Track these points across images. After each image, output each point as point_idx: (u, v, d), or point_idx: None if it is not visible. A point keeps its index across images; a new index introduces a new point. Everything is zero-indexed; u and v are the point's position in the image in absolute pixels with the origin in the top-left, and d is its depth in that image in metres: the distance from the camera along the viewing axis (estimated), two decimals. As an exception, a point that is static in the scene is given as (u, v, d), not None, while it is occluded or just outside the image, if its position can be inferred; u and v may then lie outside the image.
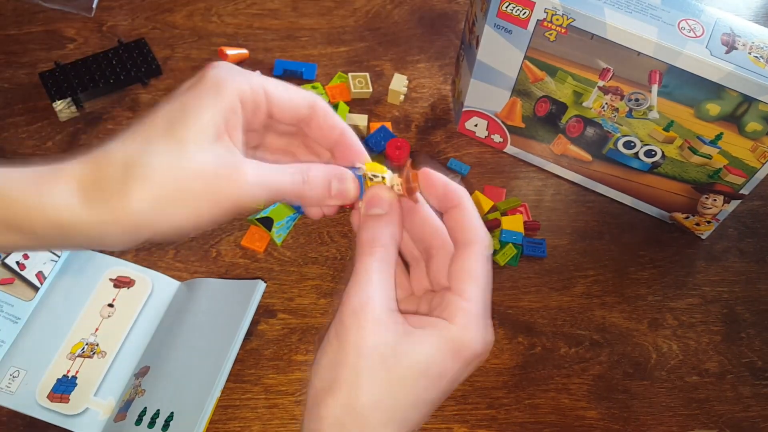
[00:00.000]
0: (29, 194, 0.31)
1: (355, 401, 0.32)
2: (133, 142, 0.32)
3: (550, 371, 0.59)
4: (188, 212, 0.32)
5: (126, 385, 0.55)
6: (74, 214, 0.31)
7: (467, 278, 0.35)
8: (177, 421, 0.51)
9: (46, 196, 0.31)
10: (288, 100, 0.36)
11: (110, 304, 0.57)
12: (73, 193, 0.31)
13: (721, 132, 0.57)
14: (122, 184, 0.31)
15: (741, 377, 0.60)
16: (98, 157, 0.32)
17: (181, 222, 0.32)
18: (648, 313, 0.63)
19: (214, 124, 0.32)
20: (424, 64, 0.77)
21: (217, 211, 0.32)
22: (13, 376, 0.53)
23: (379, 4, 0.82)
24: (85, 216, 0.31)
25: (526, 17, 0.57)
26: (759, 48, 0.54)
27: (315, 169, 0.35)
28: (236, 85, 0.33)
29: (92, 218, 0.31)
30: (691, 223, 0.67)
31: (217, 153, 0.32)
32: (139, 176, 0.31)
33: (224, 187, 0.32)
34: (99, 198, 0.31)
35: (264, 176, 0.33)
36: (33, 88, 0.71)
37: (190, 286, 0.59)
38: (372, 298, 0.33)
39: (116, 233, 0.31)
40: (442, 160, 0.70)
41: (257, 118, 0.35)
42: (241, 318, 0.55)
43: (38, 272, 0.58)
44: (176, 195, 0.31)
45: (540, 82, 0.62)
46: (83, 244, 0.32)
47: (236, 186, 0.32)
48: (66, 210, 0.31)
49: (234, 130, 0.33)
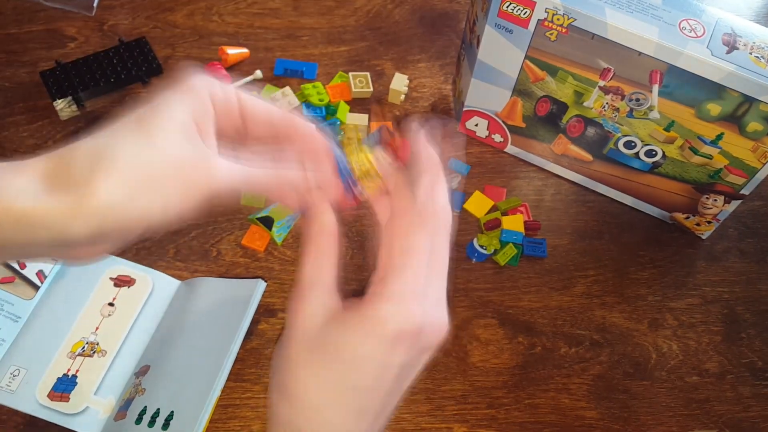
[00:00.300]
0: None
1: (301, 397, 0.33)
2: (101, 137, 0.31)
3: (550, 371, 0.59)
4: (156, 200, 0.30)
5: (126, 384, 0.55)
6: (36, 203, 0.29)
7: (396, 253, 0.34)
8: (177, 420, 0.51)
9: (4, 187, 0.29)
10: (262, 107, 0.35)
11: (110, 303, 0.57)
12: (36, 183, 0.29)
13: (722, 132, 0.57)
14: (89, 173, 0.29)
15: (741, 377, 0.60)
16: (63, 152, 0.31)
17: (149, 211, 0.30)
18: (648, 313, 0.63)
19: (183, 120, 0.32)
20: (425, 64, 0.77)
21: (187, 201, 0.32)
22: (14, 374, 0.53)
23: (379, 3, 0.82)
24: (48, 205, 0.29)
25: (526, 17, 0.57)
26: (760, 48, 0.54)
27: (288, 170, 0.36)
28: (207, 87, 0.33)
29: (55, 207, 0.29)
30: (692, 223, 0.67)
31: (185, 145, 0.31)
32: (105, 166, 0.29)
33: (192, 175, 0.31)
34: (63, 187, 0.29)
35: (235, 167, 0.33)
36: (34, 87, 0.71)
37: (191, 286, 0.59)
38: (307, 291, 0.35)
39: (81, 224, 0.29)
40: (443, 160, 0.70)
41: (230, 121, 0.35)
42: (242, 317, 0.55)
43: (38, 271, 0.58)
44: (143, 183, 0.30)
45: (541, 81, 0.62)
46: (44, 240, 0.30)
47: (205, 174, 0.32)
48: (27, 199, 0.29)
49: (205, 128, 0.33)
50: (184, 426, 0.50)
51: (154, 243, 0.63)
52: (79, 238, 0.30)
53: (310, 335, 0.33)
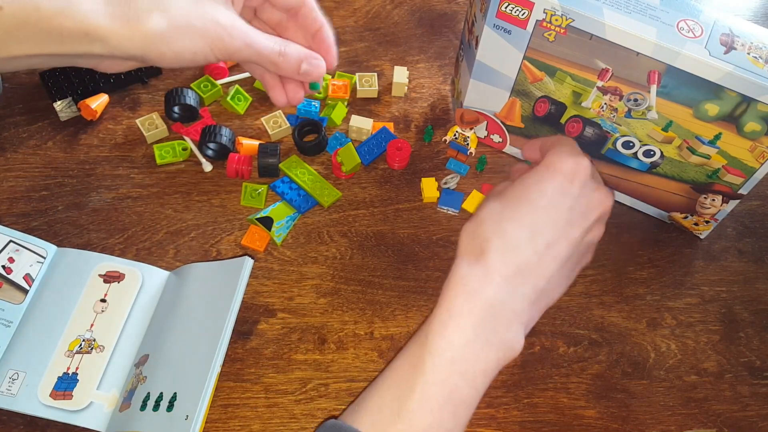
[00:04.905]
0: (52, 2, 0.36)
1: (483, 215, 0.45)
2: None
3: (549, 370, 0.59)
4: (190, 46, 0.39)
5: (127, 375, 0.55)
6: (99, 23, 0.37)
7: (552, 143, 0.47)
8: (180, 400, 0.51)
9: (75, 5, 0.36)
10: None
11: (102, 299, 0.58)
12: (98, 7, 0.37)
13: (720, 132, 0.57)
14: (147, 11, 0.38)
15: (739, 377, 0.61)
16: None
17: (182, 53, 0.39)
18: (646, 313, 0.63)
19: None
20: (424, 64, 0.77)
21: (211, 53, 0.40)
22: (12, 378, 0.53)
23: (378, 4, 0.82)
24: (111, 26, 0.37)
25: (525, 18, 0.57)
26: (758, 48, 0.54)
27: (293, 46, 0.44)
28: None
29: (116, 29, 0.37)
30: (690, 222, 0.67)
31: (222, 10, 0.40)
32: (162, 7, 0.38)
33: (221, 34, 0.40)
34: (124, 14, 0.37)
35: (251, 35, 0.42)
36: (34, 88, 0.71)
37: (180, 274, 0.60)
38: None
39: (131, 45, 0.38)
40: (442, 160, 0.70)
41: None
42: (233, 294, 0.55)
43: (26, 274, 0.58)
44: (185, 29, 0.39)
45: (539, 82, 0.62)
46: (97, 51, 0.38)
47: (228, 35, 0.40)
48: (92, 17, 0.37)
49: None
50: (187, 405, 0.51)
51: (153, 243, 0.63)
52: (126, 55, 0.39)
53: (498, 190, 0.47)
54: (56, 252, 0.60)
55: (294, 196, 0.66)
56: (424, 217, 0.66)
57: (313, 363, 0.58)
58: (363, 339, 0.59)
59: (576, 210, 0.45)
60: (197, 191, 0.66)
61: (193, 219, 0.65)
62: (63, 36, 0.37)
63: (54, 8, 0.36)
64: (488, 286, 0.43)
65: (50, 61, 0.39)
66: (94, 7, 0.37)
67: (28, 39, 0.37)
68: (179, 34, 0.39)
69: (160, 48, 0.39)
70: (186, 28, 0.39)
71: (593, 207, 0.45)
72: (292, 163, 0.68)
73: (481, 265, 0.43)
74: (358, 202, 0.67)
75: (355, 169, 0.68)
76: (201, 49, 0.40)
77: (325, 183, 0.67)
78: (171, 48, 0.39)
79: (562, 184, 0.44)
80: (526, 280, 0.43)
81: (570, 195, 0.44)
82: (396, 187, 0.68)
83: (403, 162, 0.68)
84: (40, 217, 0.64)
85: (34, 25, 0.36)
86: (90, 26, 0.37)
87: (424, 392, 0.41)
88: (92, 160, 0.67)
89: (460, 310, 0.42)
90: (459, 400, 0.42)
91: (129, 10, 0.37)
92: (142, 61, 0.40)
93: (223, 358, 0.53)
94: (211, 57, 0.41)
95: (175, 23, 0.38)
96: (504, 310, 0.43)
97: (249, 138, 0.69)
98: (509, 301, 0.43)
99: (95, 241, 0.63)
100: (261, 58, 0.43)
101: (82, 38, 0.37)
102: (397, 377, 0.43)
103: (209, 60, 0.41)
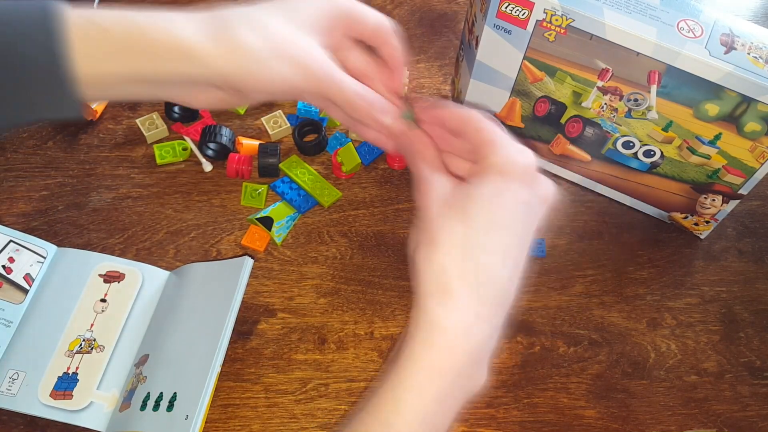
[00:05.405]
0: (157, 21, 0.37)
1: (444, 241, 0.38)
2: (251, 7, 0.39)
3: (549, 370, 0.59)
4: (284, 69, 0.38)
5: (127, 375, 0.55)
6: (197, 42, 0.37)
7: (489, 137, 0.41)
8: (180, 400, 0.51)
9: (171, 24, 0.37)
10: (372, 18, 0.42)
11: (102, 299, 0.58)
12: (197, 26, 0.37)
13: (720, 132, 0.57)
14: (239, 27, 0.37)
15: (739, 377, 0.61)
16: (219, 11, 0.38)
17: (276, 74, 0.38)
18: (647, 313, 0.63)
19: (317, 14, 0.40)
20: (424, 65, 0.77)
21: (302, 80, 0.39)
22: (13, 378, 0.53)
23: (379, 4, 0.82)
24: (207, 45, 0.37)
25: (525, 18, 0.57)
26: (758, 48, 0.54)
27: (370, 92, 0.41)
28: None
29: (211, 48, 0.37)
30: (690, 222, 0.67)
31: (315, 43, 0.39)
32: (255, 26, 0.38)
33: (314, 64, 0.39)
34: (219, 34, 0.37)
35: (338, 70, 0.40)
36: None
37: (180, 273, 0.60)
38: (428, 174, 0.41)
39: (225, 65, 0.37)
40: (442, 160, 0.70)
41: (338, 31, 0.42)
42: (233, 294, 0.55)
43: (26, 274, 0.58)
44: (280, 52, 0.38)
45: (539, 82, 0.62)
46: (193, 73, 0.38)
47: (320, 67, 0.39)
48: (188, 34, 0.37)
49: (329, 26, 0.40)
50: (187, 405, 0.51)
51: (153, 243, 0.63)
52: (220, 76, 0.38)
53: (442, 198, 0.40)
54: (56, 252, 0.60)
55: (294, 196, 0.66)
56: (424, 217, 0.66)
57: (313, 363, 0.58)
58: (363, 339, 0.59)
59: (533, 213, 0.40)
60: (197, 191, 0.66)
61: (193, 219, 0.65)
62: (159, 53, 0.36)
63: (151, 25, 0.36)
64: (468, 333, 0.38)
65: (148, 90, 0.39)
66: (190, 24, 0.37)
67: (128, 57, 0.37)
68: (274, 56, 0.38)
69: (253, 68, 0.38)
70: (282, 51, 0.38)
71: (544, 200, 0.41)
72: (292, 163, 0.68)
73: (454, 305, 0.37)
74: (358, 202, 0.67)
75: (355, 169, 0.68)
76: (294, 76, 0.38)
77: (325, 183, 0.67)
78: (265, 69, 0.38)
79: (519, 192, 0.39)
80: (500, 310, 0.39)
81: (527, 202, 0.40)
82: (396, 187, 0.68)
83: (403, 162, 0.68)
84: (40, 217, 0.64)
85: (134, 43, 0.36)
86: (186, 42, 0.36)
87: None
88: (92, 160, 0.67)
89: (436, 367, 0.37)
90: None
91: (226, 32, 0.37)
92: (233, 85, 0.39)
93: (223, 358, 0.53)
94: (300, 85, 0.39)
95: (271, 45, 0.38)
96: (481, 353, 0.39)
97: (249, 138, 0.69)
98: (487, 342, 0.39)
99: (95, 241, 0.63)
100: (341, 96, 0.40)
101: (179, 55, 0.37)
102: None
103: (295, 89, 0.40)
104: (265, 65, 0.38)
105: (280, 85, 0.39)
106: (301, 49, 0.39)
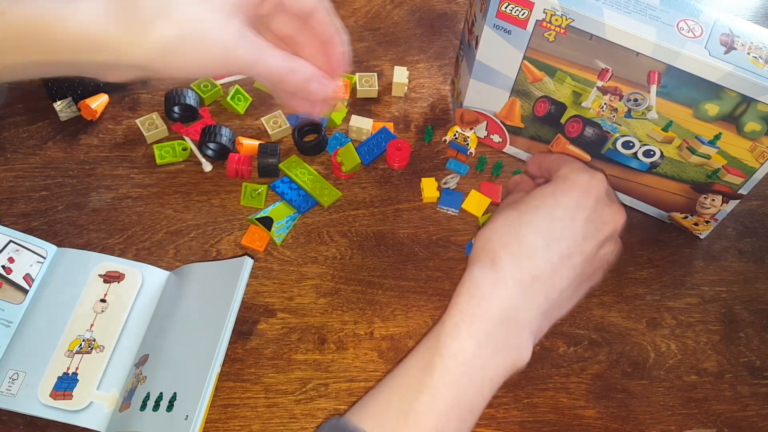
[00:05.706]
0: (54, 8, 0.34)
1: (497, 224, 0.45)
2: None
3: (549, 370, 0.59)
4: (198, 56, 0.38)
5: (127, 375, 0.55)
6: (104, 30, 0.35)
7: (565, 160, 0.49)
8: (180, 400, 0.51)
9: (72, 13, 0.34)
10: None
11: (102, 300, 0.58)
12: (102, 11, 0.35)
13: (720, 132, 0.57)
14: (154, 14, 0.36)
15: (739, 377, 0.61)
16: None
17: (190, 62, 0.38)
18: (646, 313, 0.63)
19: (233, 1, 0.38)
20: (424, 64, 0.77)
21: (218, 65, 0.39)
22: (12, 378, 0.53)
23: (378, 4, 0.82)
24: (115, 32, 0.35)
25: (525, 18, 0.57)
26: (758, 48, 0.54)
27: (302, 64, 0.42)
28: None
29: (121, 36, 0.35)
30: (690, 222, 0.67)
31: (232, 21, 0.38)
32: (169, 13, 0.36)
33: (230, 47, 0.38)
34: (129, 20, 0.35)
35: (261, 49, 0.40)
36: (34, 88, 0.71)
37: (180, 274, 0.60)
38: None
39: (139, 52, 0.36)
40: (442, 160, 0.70)
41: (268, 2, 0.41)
42: (233, 294, 0.55)
43: (26, 275, 0.58)
44: (193, 39, 0.37)
45: (539, 82, 0.62)
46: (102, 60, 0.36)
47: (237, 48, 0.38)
48: (96, 24, 0.35)
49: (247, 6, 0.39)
50: (187, 405, 0.51)
51: (153, 243, 0.63)
52: (131, 64, 0.37)
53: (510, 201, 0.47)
54: (56, 252, 0.60)
55: (294, 196, 0.66)
56: (423, 217, 0.66)
57: (313, 363, 0.58)
58: (363, 339, 0.59)
59: (591, 224, 0.45)
60: (197, 191, 0.66)
61: (193, 219, 0.65)
62: (65, 43, 0.35)
63: (56, 14, 0.34)
64: (502, 292, 0.42)
65: (53, 70, 0.38)
66: (98, 12, 0.35)
67: (30, 46, 0.35)
68: (188, 45, 0.37)
69: (167, 58, 0.37)
70: (195, 38, 0.37)
71: (607, 222, 0.46)
72: (292, 163, 0.68)
73: (495, 270, 0.43)
74: (358, 202, 0.67)
75: (355, 169, 0.68)
76: (209, 62, 0.38)
77: (325, 183, 0.67)
78: (178, 59, 0.37)
79: (579, 197, 0.45)
80: (539, 290, 0.43)
81: (586, 208, 0.45)
82: (396, 187, 0.68)
83: (402, 162, 0.68)
84: (40, 217, 0.64)
85: (36, 31, 0.35)
86: (94, 33, 0.35)
87: (433, 394, 0.41)
88: (92, 160, 0.67)
89: (473, 314, 0.42)
90: (466, 405, 0.42)
91: (135, 18, 0.35)
92: (147, 71, 0.38)
93: (223, 358, 0.53)
94: (219, 70, 0.39)
95: (184, 33, 0.36)
96: (516, 317, 0.43)
97: (249, 138, 0.69)
98: (522, 309, 0.43)
99: (95, 241, 0.63)
100: (270, 75, 0.41)
101: (87, 46, 0.36)
102: (405, 378, 0.42)
103: (216, 73, 0.40)
104: (177, 54, 0.37)
105: (198, 71, 0.39)
106: (214, 33, 0.38)
